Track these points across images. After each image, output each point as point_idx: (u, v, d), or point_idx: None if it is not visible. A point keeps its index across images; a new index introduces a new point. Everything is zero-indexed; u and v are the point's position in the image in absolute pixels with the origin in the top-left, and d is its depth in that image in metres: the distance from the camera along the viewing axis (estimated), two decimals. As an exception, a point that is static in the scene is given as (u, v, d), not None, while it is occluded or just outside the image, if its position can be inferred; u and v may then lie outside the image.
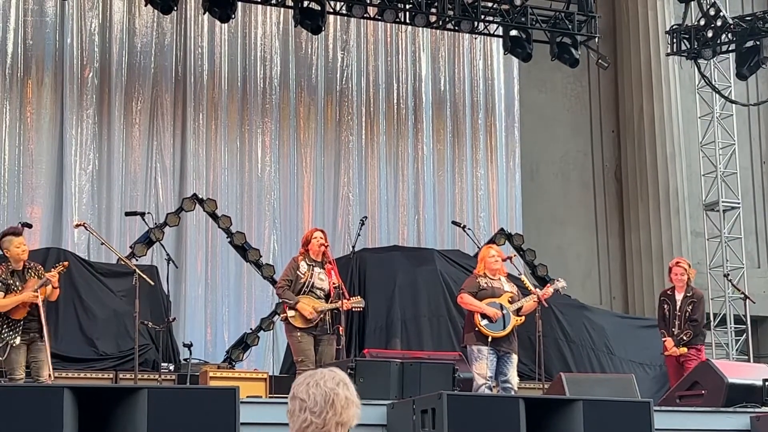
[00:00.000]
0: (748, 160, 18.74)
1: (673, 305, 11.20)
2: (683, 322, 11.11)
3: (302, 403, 3.17)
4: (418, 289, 13.25)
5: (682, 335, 11.05)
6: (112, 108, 14.57)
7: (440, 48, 16.97)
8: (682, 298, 11.22)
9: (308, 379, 3.20)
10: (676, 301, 11.22)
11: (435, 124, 16.75)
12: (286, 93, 15.74)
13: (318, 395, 3.16)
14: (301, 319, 9.89)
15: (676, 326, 11.10)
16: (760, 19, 15.85)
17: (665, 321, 11.21)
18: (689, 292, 11.31)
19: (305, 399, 3.17)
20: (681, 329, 11.07)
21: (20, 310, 9.14)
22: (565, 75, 17.57)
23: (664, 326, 11.20)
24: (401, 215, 16.27)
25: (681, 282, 11.29)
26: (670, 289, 11.44)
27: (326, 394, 3.17)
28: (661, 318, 11.29)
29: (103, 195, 14.41)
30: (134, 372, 10.19)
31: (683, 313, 11.14)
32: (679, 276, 11.32)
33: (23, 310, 9.15)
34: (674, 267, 11.47)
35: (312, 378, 3.20)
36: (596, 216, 17.93)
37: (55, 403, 6.16)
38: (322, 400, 3.16)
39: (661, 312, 11.33)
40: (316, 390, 3.18)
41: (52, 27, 14.40)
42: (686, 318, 11.13)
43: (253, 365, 13.85)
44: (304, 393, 3.18)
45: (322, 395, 3.16)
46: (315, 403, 3.16)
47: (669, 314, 11.20)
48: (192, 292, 14.61)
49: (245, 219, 15.05)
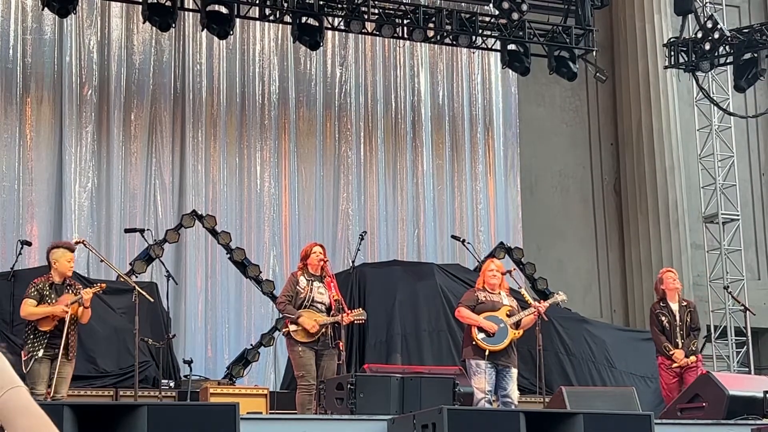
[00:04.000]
0: (747, 172, 18.75)
1: (672, 316, 11.08)
2: (685, 332, 11.02)
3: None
4: (418, 304, 13.24)
5: (690, 346, 10.96)
6: (111, 125, 14.59)
7: (438, 62, 17.00)
8: (678, 308, 11.12)
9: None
10: (674, 312, 11.10)
11: (434, 138, 16.77)
12: (285, 109, 15.76)
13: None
14: (303, 334, 9.87)
15: (680, 336, 10.98)
16: (758, 31, 15.88)
17: (665, 333, 11.07)
18: (683, 302, 11.24)
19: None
20: (686, 339, 10.97)
21: (48, 322, 9.28)
22: (563, 89, 17.60)
23: (666, 339, 11.05)
24: (401, 230, 16.27)
25: (675, 288, 11.15)
26: (661, 300, 11.24)
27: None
28: (660, 331, 11.03)
29: (103, 212, 14.42)
30: (134, 389, 10.18)
31: (684, 323, 11.04)
32: (673, 282, 11.20)
33: (51, 322, 9.27)
34: (665, 273, 11.31)
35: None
36: (596, 229, 17.93)
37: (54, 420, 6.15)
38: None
39: (659, 324, 11.04)
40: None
41: (50, 45, 14.43)
42: (688, 328, 11.06)
43: (253, 381, 13.85)
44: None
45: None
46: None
47: (670, 325, 11.04)
48: (192, 309, 14.61)
49: (245, 235, 15.06)
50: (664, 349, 10.97)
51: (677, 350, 10.89)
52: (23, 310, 9.44)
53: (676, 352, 10.88)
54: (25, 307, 9.40)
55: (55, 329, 9.27)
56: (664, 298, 11.18)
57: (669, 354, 10.91)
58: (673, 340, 10.96)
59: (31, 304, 9.35)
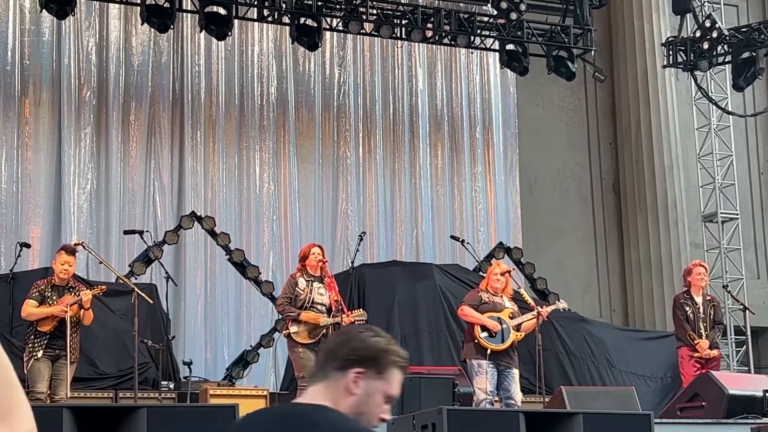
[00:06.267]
0: (746, 171, 18.75)
1: (696, 307, 11.05)
2: (709, 325, 11.01)
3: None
4: (417, 304, 13.25)
5: (715, 338, 10.96)
6: (110, 127, 14.58)
7: (437, 63, 16.99)
8: (702, 301, 11.11)
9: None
10: (698, 304, 11.07)
11: (432, 138, 16.77)
12: (284, 110, 15.76)
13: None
14: (303, 335, 9.87)
15: (703, 328, 10.97)
16: (756, 30, 15.88)
17: (689, 323, 11.02)
18: (707, 296, 11.24)
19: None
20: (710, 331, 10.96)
21: (48, 323, 9.36)
22: (561, 88, 17.59)
23: (691, 328, 10.98)
24: (400, 230, 16.26)
25: (701, 284, 11.14)
26: (685, 292, 11.22)
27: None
28: (684, 320, 10.99)
29: (102, 214, 14.41)
30: (134, 391, 10.18)
31: (707, 315, 11.03)
32: (701, 276, 11.18)
33: (51, 323, 9.35)
34: (695, 267, 11.27)
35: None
36: (595, 228, 17.93)
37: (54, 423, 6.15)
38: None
39: (683, 314, 11.03)
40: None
41: (49, 47, 14.42)
42: (711, 320, 11.05)
43: (253, 382, 13.82)
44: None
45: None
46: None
47: (694, 316, 11.00)
48: (191, 310, 14.60)
49: (244, 236, 15.05)
50: (689, 338, 10.92)
51: (702, 340, 10.88)
52: (24, 311, 9.52)
53: (700, 342, 10.88)
54: (25, 307, 9.48)
55: (56, 330, 9.31)
56: (689, 290, 11.18)
57: (694, 343, 10.89)
58: (697, 331, 10.95)
59: (32, 305, 9.41)
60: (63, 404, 6.88)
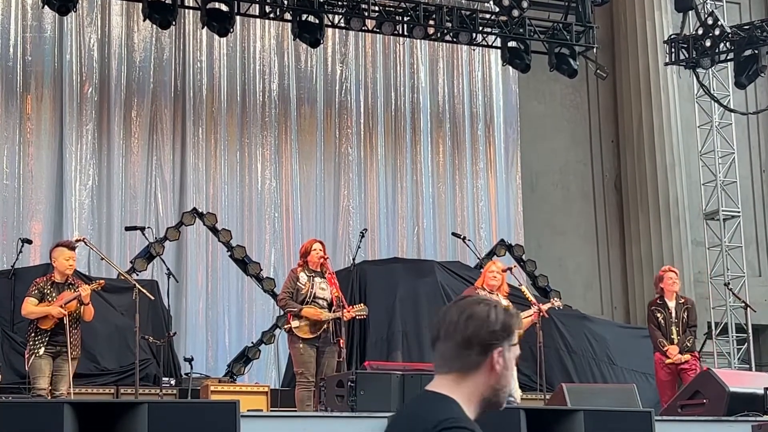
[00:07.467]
0: (748, 169, 18.74)
1: (667, 312, 11.13)
2: (681, 329, 11.05)
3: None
4: (418, 301, 13.24)
5: (686, 342, 10.99)
6: (112, 123, 14.58)
7: (439, 60, 16.99)
8: (675, 305, 11.16)
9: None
10: (670, 309, 11.14)
11: (434, 135, 16.77)
12: (286, 106, 15.76)
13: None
14: (305, 330, 9.87)
15: (675, 333, 11.02)
16: (758, 27, 15.86)
17: (661, 329, 11.12)
18: (680, 299, 11.27)
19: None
20: (681, 336, 11.00)
21: (48, 320, 9.38)
22: (563, 85, 17.59)
23: (661, 335, 11.10)
24: (401, 227, 16.27)
25: (674, 288, 11.22)
26: (658, 298, 11.32)
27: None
28: (656, 327, 11.12)
29: (103, 210, 14.42)
30: (135, 387, 10.18)
31: (680, 319, 11.08)
32: (673, 281, 11.25)
33: (51, 320, 9.38)
34: (666, 273, 11.37)
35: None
36: (596, 226, 17.92)
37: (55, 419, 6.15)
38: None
39: (654, 321, 11.15)
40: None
41: (50, 43, 14.42)
42: (684, 324, 11.08)
43: (254, 379, 13.84)
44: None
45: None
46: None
47: (665, 322, 11.09)
48: (193, 306, 14.60)
49: (245, 233, 15.05)
50: (659, 344, 11.04)
51: (671, 346, 10.94)
52: (23, 309, 9.54)
53: (669, 348, 10.93)
54: (25, 305, 9.51)
55: (57, 327, 9.33)
56: (662, 295, 11.24)
57: (663, 350, 10.96)
58: (668, 336, 11.01)
59: (32, 303, 9.42)
60: (64, 400, 6.88)
